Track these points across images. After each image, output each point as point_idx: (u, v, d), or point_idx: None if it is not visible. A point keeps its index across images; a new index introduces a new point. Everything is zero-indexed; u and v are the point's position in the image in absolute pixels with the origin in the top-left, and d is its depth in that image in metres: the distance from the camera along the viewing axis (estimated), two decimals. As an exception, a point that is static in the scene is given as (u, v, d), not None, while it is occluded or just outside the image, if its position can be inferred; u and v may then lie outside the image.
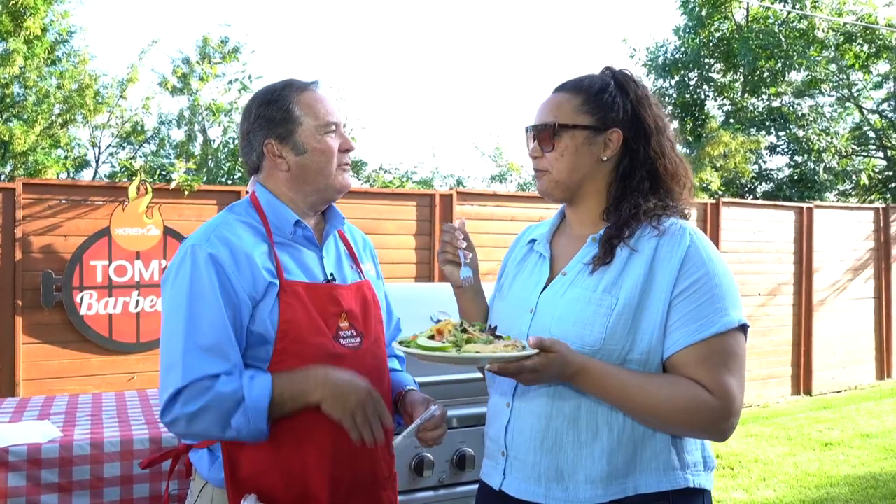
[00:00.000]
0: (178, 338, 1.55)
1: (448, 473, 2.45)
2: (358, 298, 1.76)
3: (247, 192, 1.80)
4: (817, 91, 14.22)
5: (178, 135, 10.87)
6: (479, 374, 2.42)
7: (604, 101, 1.57)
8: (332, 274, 1.75)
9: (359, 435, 1.56)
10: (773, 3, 13.30)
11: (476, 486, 2.46)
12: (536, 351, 1.35)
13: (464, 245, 1.68)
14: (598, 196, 1.60)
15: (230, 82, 9.18)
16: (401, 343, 1.44)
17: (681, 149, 1.68)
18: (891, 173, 15.08)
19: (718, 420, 1.42)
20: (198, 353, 1.53)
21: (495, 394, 1.64)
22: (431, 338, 1.42)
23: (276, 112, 1.71)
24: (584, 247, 1.58)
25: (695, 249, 1.47)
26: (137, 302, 5.41)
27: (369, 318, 1.77)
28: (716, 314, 1.44)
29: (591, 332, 1.46)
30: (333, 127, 1.74)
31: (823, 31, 13.19)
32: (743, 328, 1.47)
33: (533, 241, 1.72)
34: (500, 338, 1.42)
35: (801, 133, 13.21)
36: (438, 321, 1.98)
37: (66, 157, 10.57)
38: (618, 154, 1.58)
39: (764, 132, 13.16)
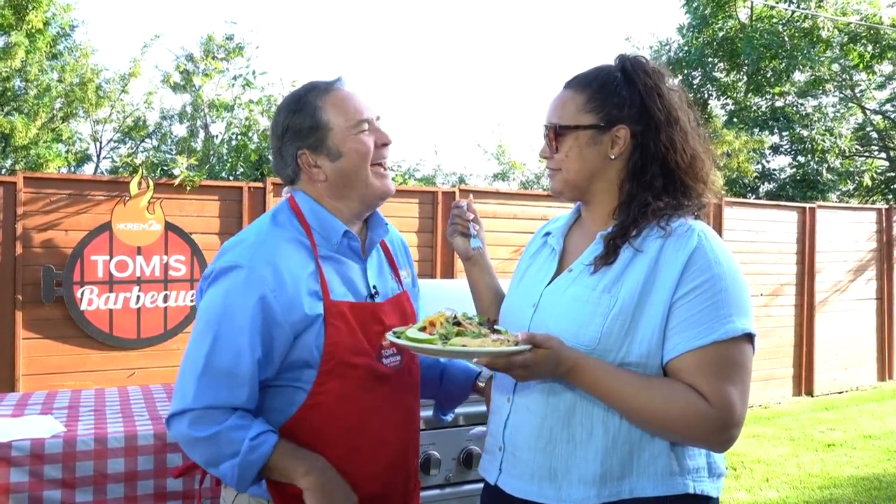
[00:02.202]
0: (200, 353, 1.50)
1: (454, 472, 2.43)
2: (397, 313, 1.71)
3: (285, 195, 1.73)
4: (821, 91, 14.19)
5: (179, 130, 10.84)
6: (487, 371, 2.38)
7: (608, 97, 1.51)
8: (374, 286, 1.68)
9: None
10: (777, 3, 13.27)
11: (482, 485, 2.45)
12: (527, 346, 1.32)
13: (471, 217, 1.71)
14: (609, 194, 1.56)
15: (234, 78, 9.15)
16: (394, 333, 1.43)
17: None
18: (893, 174, 15.07)
19: (715, 430, 1.38)
20: (213, 376, 1.49)
21: (496, 390, 1.62)
22: (423, 329, 1.41)
23: (304, 120, 1.62)
24: (591, 244, 1.54)
25: (701, 252, 1.41)
26: (138, 297, 5.39)
27: None
28: (718, 321, 1.38)
29: (586, 331, 1.43)
30: (366, 125, 1.65)
31: (828, 30, 13.16)
32: (749, 337, 1.40)
33: (548, 234, 1.69)
34: (496, 331, 1.39)
35: (804, 133, 13.18)
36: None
37: (67, 152, 10.54)
38: (628, 150, 1.52)
39: (767, 132, 13.14)
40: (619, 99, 1.51)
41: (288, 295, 1.52)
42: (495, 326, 1.43)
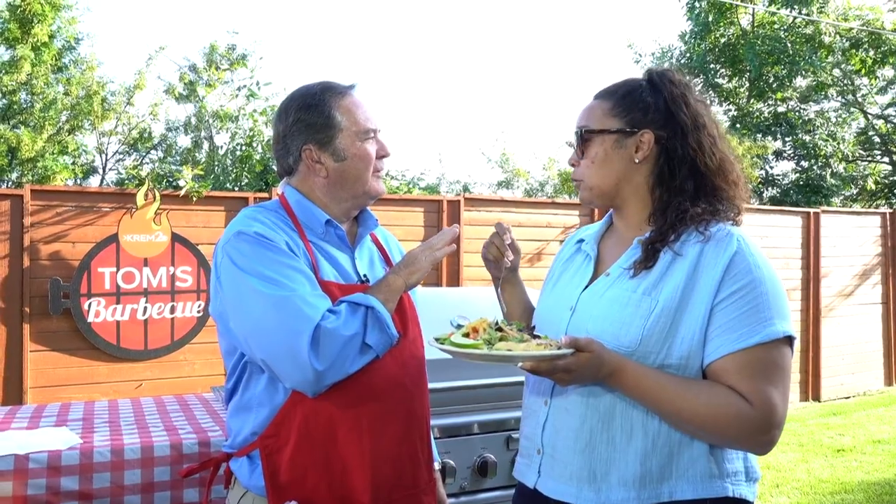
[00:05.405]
0: (285, 291, 1.50)
1: (469, 480, 2.42)
2: None
3: (278, 194, 1.78)
4: (823, 96, 14.20)
5: (184, 142, 10.86)
6: (501, 379, 2.39)
7: (633, 103, 1.56)
8: (365, 275, 1.72)
9: (448, 249, 1.67)
10: (778, 9, 13.30)
11: (497, 493, 2.45)
12: (571, 350, 1.33)
13: (509, 241, 1.72)
14: (639, 200, 1.58)
15: (238, 89, 9.19)
16: (436, 339, 1.44)
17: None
18: (896, 178, 15.05)
19: (757, 432, 1.39)
20: (307, 299, 1.51)
21: (532, 393, 1.62)
22: (466, 335, 1.41)
23: (316, 117, 1.69)
24: (629, 249, 1.56)
25: (741, 256, 1.43)
26: (145, 309, 5.40)
27: (406, 317, 1.73)
28: (760, 323, 1.40)
29: (627, 333, 1.44)
30: (372, 134, 1.73)
31: (830, 36, 13.18)
32: (789, 340, 1.43)
33: (581, 240, 1.71)
34: (536, 337, 1.40)
35: (807, 138, 13.19)
36: (458, 325, 1.98)
37: (73, 164, 10.57)
38: (653, 155, 1.55)
39: (770, 137, 13.14)
40: (643, 105, 1.55)
41: (291, 248, 1.59)
42: (534, 332, 1.44)
